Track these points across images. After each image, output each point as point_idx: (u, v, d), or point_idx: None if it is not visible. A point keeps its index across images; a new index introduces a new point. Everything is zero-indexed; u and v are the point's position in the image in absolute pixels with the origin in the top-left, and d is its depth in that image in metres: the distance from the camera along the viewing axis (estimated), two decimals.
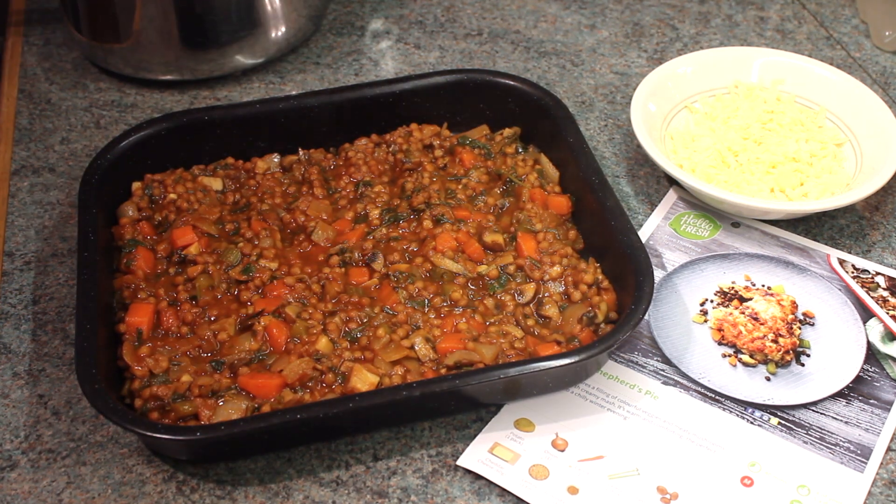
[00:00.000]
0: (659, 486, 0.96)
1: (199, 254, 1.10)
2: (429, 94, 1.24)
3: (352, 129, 1.24)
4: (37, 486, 0.97)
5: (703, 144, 1.23)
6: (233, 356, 1.01)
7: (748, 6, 1.54)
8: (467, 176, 1.18)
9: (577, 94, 1.39)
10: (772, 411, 1.02)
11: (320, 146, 1.23)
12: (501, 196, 1.17)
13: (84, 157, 1.28)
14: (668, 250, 1.17)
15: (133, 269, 1.08)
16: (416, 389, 0.94)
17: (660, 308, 1.11)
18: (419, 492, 0.96)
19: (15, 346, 1.08)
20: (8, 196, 1.24)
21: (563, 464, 0.97)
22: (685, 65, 1.30)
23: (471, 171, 1.19)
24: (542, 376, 0.98)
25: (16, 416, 1.02)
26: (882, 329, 1.09)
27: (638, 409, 1.02)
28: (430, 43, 1.47)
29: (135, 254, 1.09)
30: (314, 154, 1.22)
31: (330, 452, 0.99)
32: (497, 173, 1.19)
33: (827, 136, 1.25)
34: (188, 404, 0.96)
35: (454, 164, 1.21)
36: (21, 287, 1.14)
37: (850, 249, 1.18)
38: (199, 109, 1.23)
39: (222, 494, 0.96)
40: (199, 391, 0.97)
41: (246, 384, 0.98)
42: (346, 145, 1.23)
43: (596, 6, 1.54)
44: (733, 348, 1.07)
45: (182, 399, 0.97)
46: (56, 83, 1.40)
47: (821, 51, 1.46)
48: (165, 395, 0.97)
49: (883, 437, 1.00)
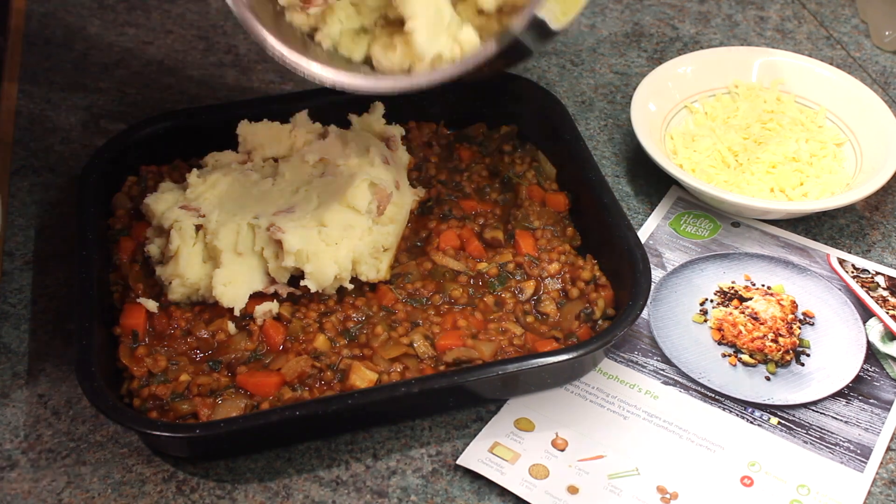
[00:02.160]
0: (659, 486, 0.96)
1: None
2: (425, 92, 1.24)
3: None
4: (37, 485, 0.97)
5: (703, 144, 1.23)
6: (230, 355, 1.01)
7: (748, 6, 1.54)
8: (469, 169, 1.19)
9: (577, 94, 1.39)
10: (772, 411, 1.02)
11: None
12: (499, 193, 1.18)
13: (84, 157, 1.28)
14: (667, 250, 1.17)
15: (119, 264, 1.08)
16: (414, 386, 0.94)
17: (660, 308, 1.11)
18: (419, 491, 0.96)
19: (15, 346, 1.08)
20: (8, 196, 1.24)
21: (563, 463, 0.97)
22: (685, 65, 1.30)
23: (471, 164, 1.19)
24: (539, 372, 0.98)
25: (16, 416, 1.02)
26: (882, 329, 1.09)
27: (638, 409, 1.02)
28: None
29: (119, 246, 1.09)
30: None
31: (330, 452, 0.99)
32: (495, 170, 1.19)
33: (827, 136, 1.25)
34: (187, 403, 0.96)
35: (453, 160, 1.21)
36: (21, 287, 1.14)
37: (850, 249, 1.18)
38: (198, 109, 1.23)
39: (222, 494, 0.96)
40: (199, 390, 0.97)
41: (244, 383, 0.98)
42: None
43: (596, 6, 1.54)
44: (733, 348, 1.07)
45: (181, 398, 0.97)
46: (56, 83, 1.40)
47: (821, 51, 1.46)
48: (164, 394, 0.97)
49: (883, 437, 1.00)
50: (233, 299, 1.03)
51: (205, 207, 1.08)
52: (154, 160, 1.19)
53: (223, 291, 1.03)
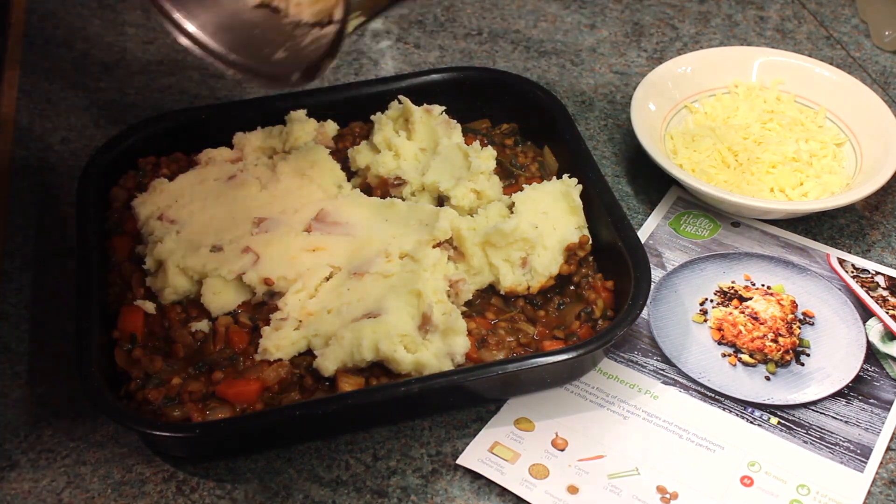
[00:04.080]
0: (659, 486, 0.96)
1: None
2: (427, 92, 1.24)
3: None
4: (37, 485, 0.97)
5: (703, 144, 1.23)
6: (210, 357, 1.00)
7: (748, 6, 1.54)
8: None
9: (577, 94, 1.39)
10: (771, 411, 1.02)
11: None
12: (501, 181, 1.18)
13: (84, 157, 1.27)
14: (667, 250, 1.17)
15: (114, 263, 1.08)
16: (414, 386, 0.94)
17: (659, 307, 1.11)
18: (419, 491, 0.96)
19: (15, 346, 1.08)
20: (8, 196, 1.24)
21: (562, 463, 0.97)
22: (685, 64, 1.30)
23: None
24: (539, 372, 0.98)
25: (16, 415, 1.02)
26: (882, 329, 1.09)
27: (638, 409, 1.02)
28: (430, 42, 1.47)
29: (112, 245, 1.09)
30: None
31: (330, 452, 0.99)
32: (498, 160, 1.19)
33: (827, 135, 1.25)
34: (179, 409, 0.96)
35: None
36: (21, 287, 1.14)
37: (850, 249, 1.18)
38: (197, 108, 1.23)
39: (222, 494, 0.96)
40: (190, 397, 0.97)
41: (224, 393, 0.97)
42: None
43: (596, 6, 1.54)
44: (733, 348, 1.07)
45: (173, 403, 0.96)
46: (56, 83, 1.40)
47: (821, 50, 1.46)
48: (156, 398, 0.96)
49: (883, 437, 1.00)
50: (221, 307, 1.04)
51: (181, 219, 1.08)
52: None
53: (212, 299, 1.03)
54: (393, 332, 0.97)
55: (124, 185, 1.15)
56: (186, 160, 1.18)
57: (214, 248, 1.05)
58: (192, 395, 0.97)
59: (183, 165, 1.17)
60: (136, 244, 1.09)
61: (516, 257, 1.05)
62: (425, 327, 0.99)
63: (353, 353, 0.97)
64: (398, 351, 0.96)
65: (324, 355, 0.97)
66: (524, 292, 1.06)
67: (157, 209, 1.10)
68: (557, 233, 1.08)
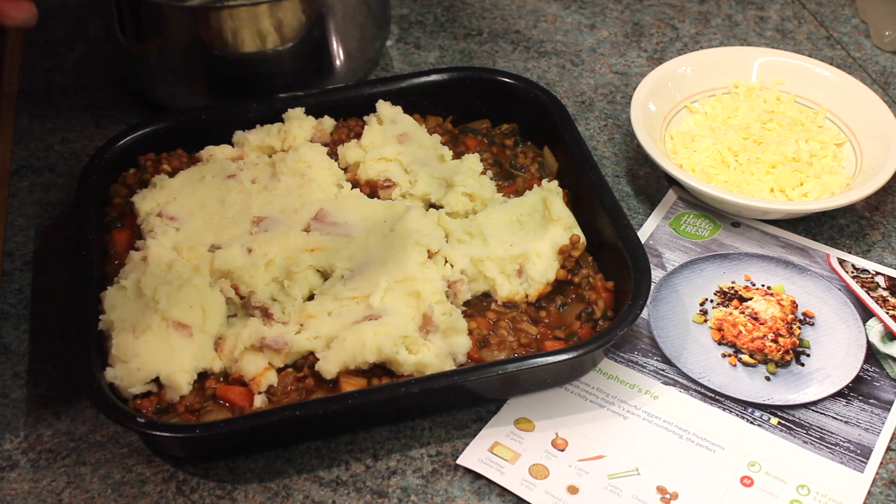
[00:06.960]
0: (659, 486, 0.96)
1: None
2: (427, 92, 1.24)
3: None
4: (37, 485, 0.97)
5: (703, 144, 1.23)
6: None
7: (748, 6, 1.54)
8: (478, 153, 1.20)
9: (577, 94, 1.39)
10: (771, 411, 1.02)
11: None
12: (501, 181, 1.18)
13: (84, 157, 1.28)
14: (667, 250, 1.17)
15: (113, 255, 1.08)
16: (414, 386, 0.94)
17: (660, 308, 1.11)
18: (419, 491, 0.96)
19: (15, 346, 1.08)
20: (8, 196, 1.24)
21: (563, 463, 0.97)
22: (685, 65, 1.30)
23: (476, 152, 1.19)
24: (539, 372, 0.98)
25: (16, 416, 1.02)
26: (882, 329, 1.09)
27: (638, 409, 1.02)
28: (431, 43, 1.47)
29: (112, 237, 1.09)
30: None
31: (330, 452, 0.99)
32: (498, 160, 1.19)
33: (827, 136, 1.25)
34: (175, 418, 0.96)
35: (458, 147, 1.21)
36: (21, 287, 1.14)
37: (850, 249, 1.18)
38: (196, 109, 1.23)
39: (222, 494, 0.96)
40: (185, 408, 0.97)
41: (223, 394, 0.97)
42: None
43: (596, 6, 1.54)
44: (733, 348, 1.07)
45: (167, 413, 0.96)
46: (56, 83, 1.40)
47: (821, 51, 1.46)
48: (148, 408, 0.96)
49: (883, 437, 1.00)
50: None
51: (181, 216, 1.08)
52: None
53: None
54: (394, 334, 0.97)
55: (125, 181, 1.15)
56: (188, 157, 1.18)
57: (213, 247, 1.06)
58: (189, 405, 0.97)
59: (184, 162, 1.17)
60: (135, 238, 1.09)
61: (511, 269, 1.05)
62: (426, 328, 0.99)
63: (354, 356, 0.96)
64: (400, 352, 0.96)
65: (325, 358, 0.97)
66: (522, 301, 1.06)
67: (157, 205, 1.10)
68: (547, 238, 1.08)
